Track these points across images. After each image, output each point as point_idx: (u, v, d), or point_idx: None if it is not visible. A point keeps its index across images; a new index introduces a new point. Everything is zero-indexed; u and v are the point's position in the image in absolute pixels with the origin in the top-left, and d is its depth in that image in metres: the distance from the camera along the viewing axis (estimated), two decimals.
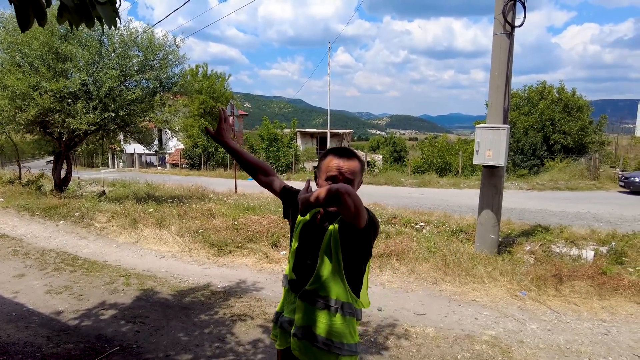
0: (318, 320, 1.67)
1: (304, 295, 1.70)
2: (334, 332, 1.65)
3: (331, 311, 1.66)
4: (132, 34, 10.54)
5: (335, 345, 1.65)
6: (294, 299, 1.76)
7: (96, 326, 4.04)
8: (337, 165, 1.67)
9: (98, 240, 7.56)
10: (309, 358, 1.68)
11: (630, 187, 15.15)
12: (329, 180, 1.67)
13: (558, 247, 6.35)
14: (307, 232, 1.76)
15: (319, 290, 1.67)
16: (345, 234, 1.62)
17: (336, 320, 1.66)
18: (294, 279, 1.77)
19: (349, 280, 1.68)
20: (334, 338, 1.65)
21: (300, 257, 1.77)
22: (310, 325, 1.68)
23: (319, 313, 1.67)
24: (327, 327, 1.65)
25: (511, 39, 5.76)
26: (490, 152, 5.81)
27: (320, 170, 1.74)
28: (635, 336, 3.93)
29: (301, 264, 1.75)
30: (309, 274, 1.70)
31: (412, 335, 3.84)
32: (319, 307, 1.67)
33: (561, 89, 22.42)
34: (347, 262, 1.66)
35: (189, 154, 31.80)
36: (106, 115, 9.77)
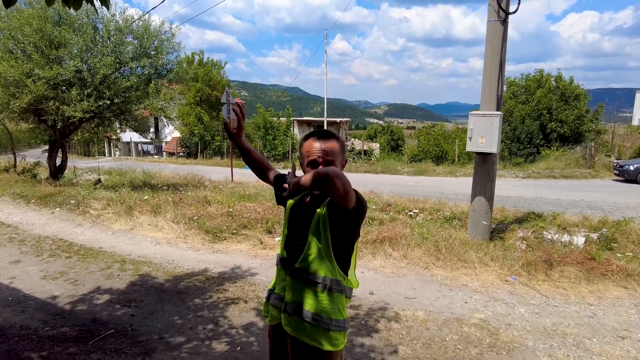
0: (307, 297, 1.72)
1: (294, 273, 1.75)
2: (322, 308, 1.71)
3: (319, 288, 1.71)
4: (127, 20, 10.44)
5: (323, 320, 1.70)
6: (284, 276, 1.81)
7: (91, 310, 4.10)
8: (316, 149, 1.70)
9: (94, 227, 7.59)
10: (299, 333, 1.74)
11: (624, 175, 15.27)
12: (310, 165, 1.71)
13: (550, 233, 6.42)
14: (297, 213, 1.82)
15: (307, 268, 1.72)
16: (334, 215, 1.66)
17: (324, 297, 1.71)
18: (285, 257, 1.83)
19: (337, 259, 1.73)
20: (322, 314, 1.70)
21: (291, 236, 1.82)
22: (300, 301, 1.73)
23: (308, 290, 1.72)
24: (316, 303, 1.71)
25: (505, 25, 5.75)
26: (483, 139, 5.84)
27: (301, 156, 1.77)
28: (620, 318, 4.01)
29: (292, 243, 1.81)
30: (299, 253, 1.75)
31: (402, 318, 3.91)
32: (308, 284, 1.72)
33: (559, 77, 22.41)
34: (335, 241, 1.71)
35: (185, 142, 31.71)
36: (101, 103, 9.74)
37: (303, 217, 1.77)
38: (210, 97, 32.79)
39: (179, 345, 3.40)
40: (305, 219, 1.76)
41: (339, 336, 1.74)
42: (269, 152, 27.10)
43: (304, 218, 1.77)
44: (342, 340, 1.76)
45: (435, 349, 3.36)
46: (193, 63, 32.73)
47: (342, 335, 1.76)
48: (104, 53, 9.81)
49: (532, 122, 21.38)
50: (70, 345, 3.38)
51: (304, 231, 1.74)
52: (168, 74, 11.19)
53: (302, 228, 1.75)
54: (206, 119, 30.62)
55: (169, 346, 3.39)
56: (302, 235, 1.75)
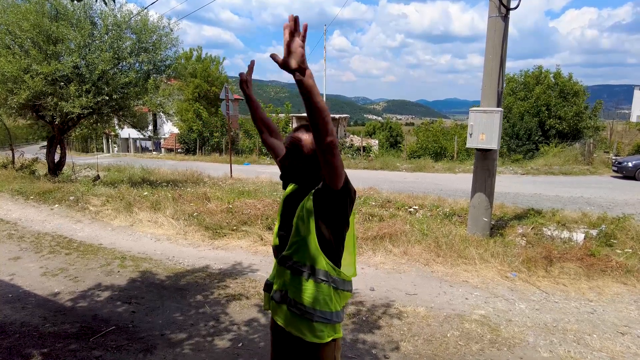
0: (291, 285, 1.71)
1: (281, 261, 1.75)
2: (306, 298, 1.68)
3: (304, 277, 1.68)
4: (125, 16, 10.38)
5: (307, 310, 1.67)
6: (275, 263, 1.84)
7: (92, 307, 4.09)
8: (287, 139, 1.78)
9: (93, 224, 7.57)
10: (285, 321, 1.73)
11: (623, 171, 15.30)
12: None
13: (549, 230, 6.43)
14: (290, 202, 1.81)
15: (292, 256, 1.71)
16: (320, 199, 1.64)
17: (308, 286, 1.68)
18: (277, 244, 1.84)
19: (324, 249, 1.68)
20: (305, 303, 1.67)
21: (282, 224, 1.81)
22: (285, 289, 1.74)
23: (293, 278, 1.71)
24: (299, 292, 1.69)
25: (506, 21, 5.73)
26: (483, 135, 5.84)
27: None
28: (620, 314, 4.03)
29: (282, 232, 1.80)
30: (287, 240, 1.75)
31: (403, 315, 3.92)
32: (293, 272, 1.71)
33: (557, 74, 22.38)
34: (321, 230, 1.66)
35: (184, 138, 31.59)
36: (99, 99, 9.70)
37: (293, 206, 1.75)
38: (208, 93, 32.64)
39: (181, 342, 3.40)
40: (292, 208, 1.75)
41: (323, 328, 1.69)
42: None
43: (291, 208, 1.76)
44: (328, 333, 1.70)
45: (436, 345, 3.37)
46: (191, 59, 32.60)
47: (327, 327, 1.70)
48: (102, 48, 9.76)
49: (530, 118, 21.37)
50: (71, 341, 3.38)
51: (291, 219, 1.73)
52: (167, 69, 11.15)
53: (291, 216, 1.74)
54: (205, 115, 30.49)
55: (170, 343, 3.39)
56: (290, 223, 1.74)
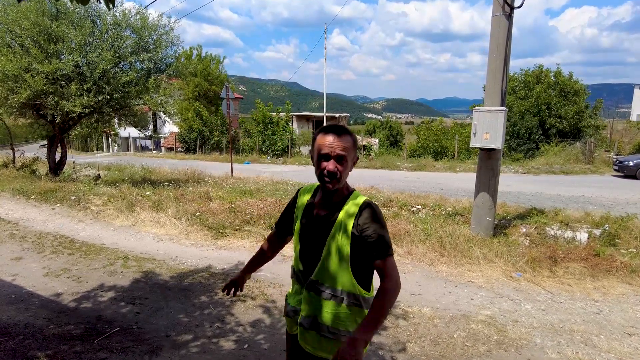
0: (324, 310, 1.68)
1: (310, 286, 1.71)
2: (340, 322, 1.66)
3: (337, 301, 1.66)
4: (125, 15, 10.34)
5: (341, 333, 1.66)
6: (300, 289, 1.78)
7: (96, 308, 4.07)
8: (328, 143, 1.63)
9: (95, 224, 7.55)
10: (315, 346, 1.71)
11: (624, 171, 15.30)
12: (322, 158, 1.65)
13: (553, 229, 6.42)
14: (311, 222, 1.76)
15: (324, 281, 1.68)
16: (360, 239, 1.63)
17: (342, 310, 1.66)
18: (301, 269, 1.77)
19: (355, 273, 1.66)
20: (340, 327, 1.66)
21: (304, 248, 1.76)
22: (316, 315, 1.70)
23: (325, 303, 1.68)
24: (333, 317, 1.66)
25: (510, 20, 5.70)
26: (487, 134, 5.82)
27: (314, 150, 1.72)
28: (626, 315, 4.01)
29: (306, 254, 1.75)
30: (314, 265, 1.70)
31: (409, 315, 3.90)
32: (325, 297, 1.68)
33: (558, 72, 22.35)
34: (355, 256, 1.65)
35: (184, 137, 31.57)
36: (100, 98, 9.66)
37: (319, 225, 1.72)
38: (208, 91, 32.64)
39: (186, 343, 3.38)
40: (322, 227, 1.70)
41: None
42: (267, 147, 27.01)
43: (318, 230, 1.71)
44: None
45: (443, 346, 3.35)
46: (191, 58, 32.56)
47: None
48: (103, 47, 9.72)
49: (531, 117, 21.35)
50: (76, 343, 3.36)
51: (321, 240, 1.69)
52: (167, 68, 11.11)
53: (317, 240, 1.70)
54: (205, 114, 30.47)
55: (175, 344, 3.37)
56: (318, 246, 1.70)
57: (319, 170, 1.66)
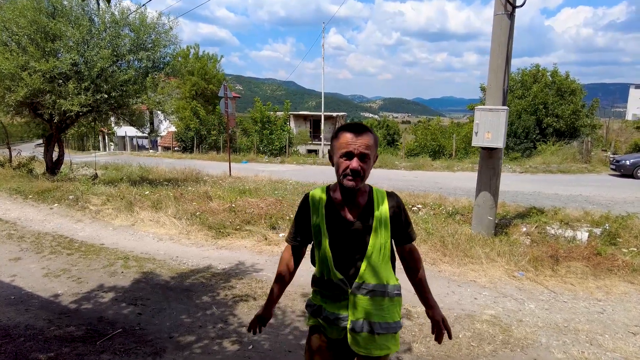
0: (373, 309, 1.70)
1: (357, 289, 1.69)
2: (389, 315, 1.73)
3: (385, 296, 1.71)
4: (123, 13, 10.27)
5: (391, 326, 1.73)
6: (340, 296, 1.73)
7: (97, 309, 4.03)
8: (351, 141, 1.63)
9: (94, 223, 7.49)
10: (367, 347, 1.71)
11: (621, 170, 15.38)
12: (344, 157, 1.65)
13: (553, 228, 6.43)
14: (343, 227, 1.72)
15: (370, 280, 1.69)
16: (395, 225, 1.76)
17: (389, 303, 1.73)
18: (340, 277, 1.72)
19: (392, 263, 1.76)
20: (389, 320, 1.72)
21: (341, 253, 1.72)
22: (368, 317, 1.70)
23: (374, 301, 1.70)
24: (383, 312, 1.71)
25: (512, 19, 5.70)
26: (489, 134, 5.81)
27: (334, 148, 1.71)
28: (629, 314, 4.01)
29: (345, 260, 1.72)
30: (356, 268, 1.70)
31: (413, 315, 3.88)
32: (375, 295, 1.70)
33: (554, 72, 22.44)
34: (390, 245, 1.74)
35: (181, 136, 31.47)
36: (98, 97, 9.59)
37: (353, 233, 1.71)
38: (205, 90, 32.54)
39: (190, 345, 3.35)
40: (358, 234, 1.70)
41: (399, 334, 1.85)
42: (265, 146, 26.95)
43: (355, 234, 1.70)
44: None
45: (449, 346, 3.34)
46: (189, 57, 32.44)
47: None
48: (101, 46, 9.65)
49: (528, 117, 21.42)
50: (78, 345, 3.32)
51: (360, 245, 1.69)
52: (165, 67, 11.05)
53: (356, 243, 1.70)
54: (202, 113, 30.37)
55: (179, 345, 3.33)
56: (358, 250, 1.70)
57: (342, 169, 1.65)
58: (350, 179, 1.63)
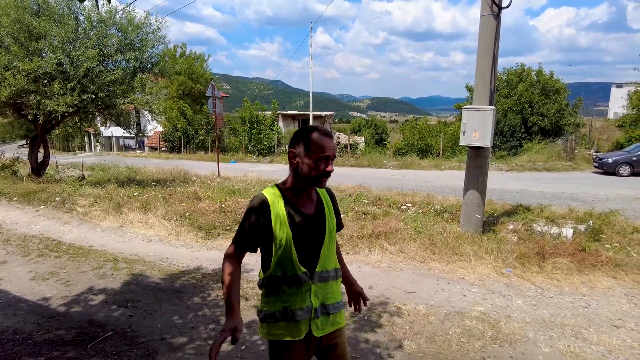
0: (328, 292, 1.87)
1: (317, 278, 1.82)
2: (338, 294, 1.92)
3: (335, 278, 1.91)
4: (110, 12, 10.14)
5: (340, 304, 1.92)
6: (308, 287, 1.78)
7: (87, 312, 4.00)
8: (328, 145, 1.75)
9: (82, 225, 7.40)
10: (324, 329, 1.85)
11: (603, 167, 15.72)
12: (322, 160, 1.74)
13: (539, 225, 6.55)
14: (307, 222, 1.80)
15: (326, 266, 1.86)
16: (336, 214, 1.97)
17: (336, 284, 1.92)
18: (304, 271, 1.77)
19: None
20: (338, 299, 1.91)
21: (304, 248, 1.78)
22: (324, 301, 1.85)
23: (329, 285, 1.87)
24: (335, 293, 1.90)
25: (498, 20, 5.79)
26: (476, 133, 5.90)
27: (310, 151, 1.73)
28: (612, 308, 4.12)
29: (307, 254, 1.78)
30: (316, 258, 1.81)
31: (404, 313, 3.93)
32: (330, 280, 1.87)
33: (539, 71, 22.78)
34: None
35: (168, 136, 31.16)
36: (85, 97, 9.46)
37: (315, 225, 1.83)
38: (193, 90, 32.28)
39: (182, 346, 3.35)
40: (318, 225, 1.84)
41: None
42: (254, 146, 26.86)
43: (317, 225, 1.83)
44: None
45: (439, 342, 3.40)
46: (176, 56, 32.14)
47: None
48: (87, 45, 9.52)
49: (514, 115, 21.71)
50: (68, 349, 3.29)
51: (318, 236, 1.82)
52: (153, 67, 10.94)
53: (316, 234, 1.82)
54: (189, 112, 30.12)
55: (171, 347, 3.33)
56: (317, 240, 1.82)
57: (318, 170, 1.74)
58: (325, 179, 1.79)
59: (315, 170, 1.74)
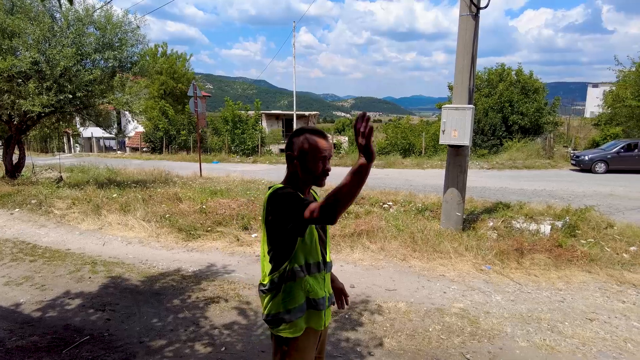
0: (329, 283, 1.98)
1: (328, 267, 1.96)
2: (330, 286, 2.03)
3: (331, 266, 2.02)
4: (87, 10, 9.93)
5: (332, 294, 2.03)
6: (323, 276, 1.90)
7: (63, 316, 3.91)
8: (326, 146, 1.80)
9: (59, 228, 7.23)
10: (329, 319, 1.97)
11: (580, 165, 16.11)
12: (321, 160, 1.78)
13: (518, 222, 6.67)
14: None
15: (330, 257, 2.01)
16: None
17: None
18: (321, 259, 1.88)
19: None
20: (331, 290, 2.02)
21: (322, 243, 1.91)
22: (329, 290, 1.96)
23: (329, 275, 1.99)
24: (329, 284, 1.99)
25: (477, 20, 5.86)
26: (456, 131, 5.97)
27: (309, 152, 1.76)
28: (587, 302, 4.23)
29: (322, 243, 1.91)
30: (325, 249, 1.93)
31: (385, 311, 3.96)
32: (329, 270, 1.99)
33: (519, 71, 23.17)
34: None
35: (149, 137, 30.72)
36: (62, 97, 9.24)
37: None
38: (174, 90, 31.85)
39: (161, 349, 3.30)
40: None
41: None
42: (237, 146, 26.68)
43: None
44: None
45: (419, 339, 3.42)
46: (157, 55, 31.66)
47: None
48: (64, 44, 9.30)
49: (495, 114, 22.05)
50: (42, 355, 3.21)
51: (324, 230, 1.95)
52: (133, 66, 10.76)
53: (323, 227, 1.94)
54: (171, 112, 29.73)
55: (150, 350, 3.28)
56: (324, 233, 1.95)
57: (320, 170, 1.79)
58: (324, 178, 1.84)
59: (315, 171, 1.79)
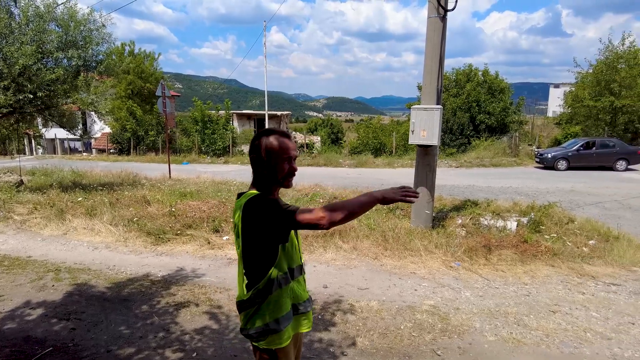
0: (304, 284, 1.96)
1: (302, 270, 1.94)
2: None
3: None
4: (48, 6, 9.52)
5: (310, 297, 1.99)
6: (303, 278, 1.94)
7: (23, 328, 3.74)
8: (291, 146, 1.79)
9: (19, 234, 6.92)
10: (309, 323, 1.95)
11: (544, 162, 16.75)
12: (287, 160, 1.77)
13: (486, 219, 6.86)
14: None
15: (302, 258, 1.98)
16: None
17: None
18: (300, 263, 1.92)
19: None
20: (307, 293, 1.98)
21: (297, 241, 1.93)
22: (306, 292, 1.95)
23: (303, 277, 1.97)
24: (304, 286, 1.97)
25: (444, 22, 5.99)
26: (424, 132, 6.08)
27: (276, 153, 1.74)
28: (550, 294, 4.40)
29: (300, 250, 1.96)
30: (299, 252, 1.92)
31: (357, 310, 3.99)
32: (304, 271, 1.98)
33: (486, 72, 23.84)
34: None
35: (117, 138, 29.79)
36: (21, 97, 8.83)
37: None
38: (142, 89, 30.98)
39: (129, 357, 3.21)
40: None
41: None
42: (207, 147, 26.25)
43: None
44: None
45: (391, 338, 3.47)
46: (124, 54, 30.73)
47: None
48: (23, 41, 8.88)
49: (463, 114, 22.60)
50: None
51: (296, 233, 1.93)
52: (98, 66, 10.39)
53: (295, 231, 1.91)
54: (139, 113, 28.93)
55: (118, 359, 3.18)
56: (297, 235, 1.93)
57: (286, 171, 1.77)
58: (291, 179, 1.82)
59: (281, 172, 1.77)
